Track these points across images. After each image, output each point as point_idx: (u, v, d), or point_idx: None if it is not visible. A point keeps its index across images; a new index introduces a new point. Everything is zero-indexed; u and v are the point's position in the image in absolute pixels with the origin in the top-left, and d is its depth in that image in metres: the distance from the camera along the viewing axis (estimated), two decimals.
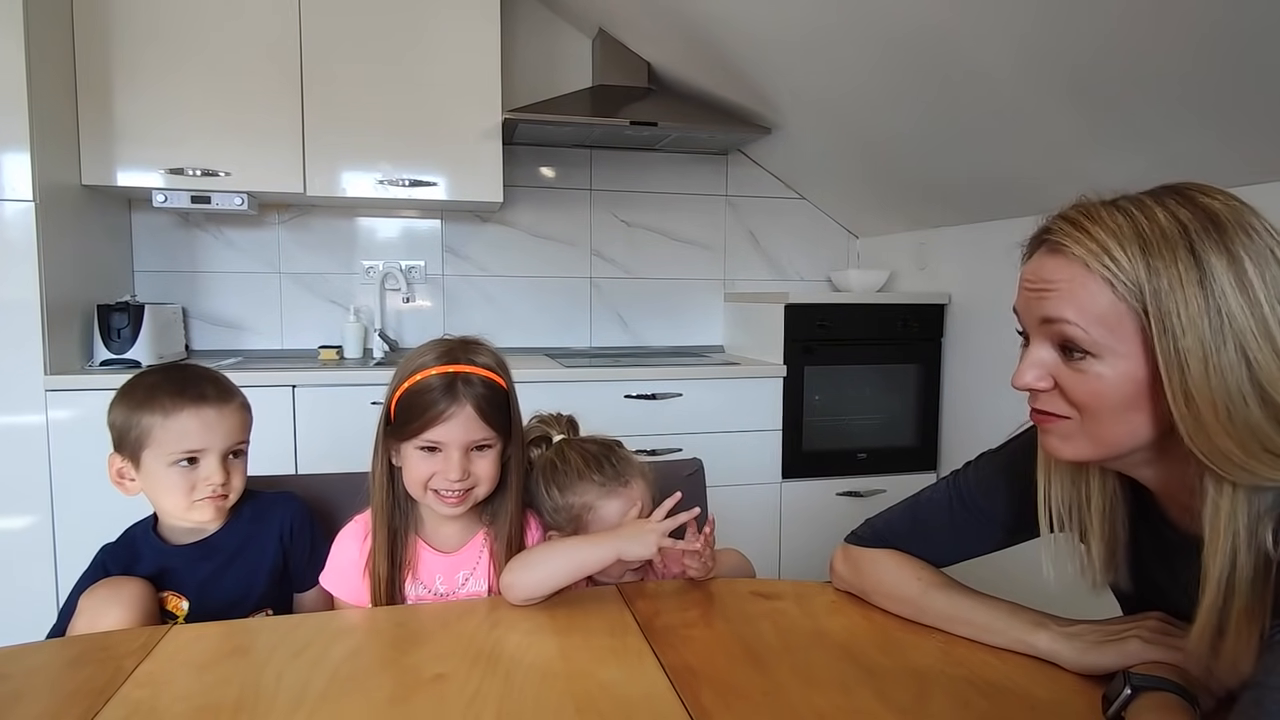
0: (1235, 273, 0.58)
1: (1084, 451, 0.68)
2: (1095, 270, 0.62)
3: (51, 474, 1.93)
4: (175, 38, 2.15)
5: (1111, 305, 0.62)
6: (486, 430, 0.98)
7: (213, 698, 0.72)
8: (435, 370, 0.97)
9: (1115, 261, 0.61)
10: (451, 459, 0.96)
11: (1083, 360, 0.64)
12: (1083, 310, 0.63)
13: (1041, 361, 0.67)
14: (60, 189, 2.02)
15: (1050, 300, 0.65)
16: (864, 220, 2.95)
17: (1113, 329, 0.62)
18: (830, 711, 0.70)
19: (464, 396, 0.96)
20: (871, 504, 2.52)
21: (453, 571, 1.04)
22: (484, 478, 1.00)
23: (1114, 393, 0.63)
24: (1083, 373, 0.64)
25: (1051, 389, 0.67)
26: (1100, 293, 0.62)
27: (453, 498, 0.98)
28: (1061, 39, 1.51)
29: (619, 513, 1.03)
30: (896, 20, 1.73)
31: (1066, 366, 0.65)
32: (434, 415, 0.95)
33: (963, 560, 0.92)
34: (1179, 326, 0.59)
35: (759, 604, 0.94)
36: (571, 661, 0.79)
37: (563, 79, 2.68)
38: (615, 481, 1.05)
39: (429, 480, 0.98)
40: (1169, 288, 0.59)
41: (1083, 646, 0.75)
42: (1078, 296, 0.63)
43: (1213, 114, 1.50)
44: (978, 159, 2.09)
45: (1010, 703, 0.72)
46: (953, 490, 0.91)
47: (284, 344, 2.60)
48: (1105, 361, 0.63)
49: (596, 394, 2.28)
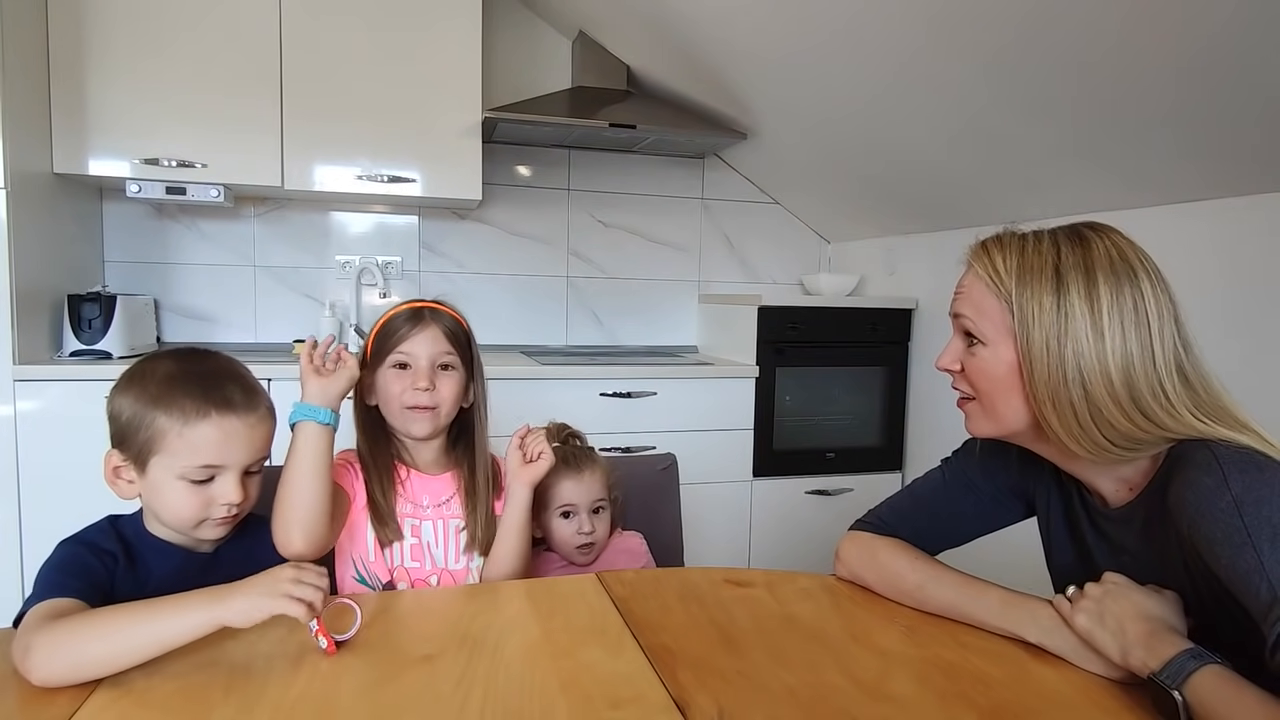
0: (1088, 291, 0.76)
1: (986, 427, 0.86)
2: (983, 279, 0.83)
3: (19, 465, 1.90)
4: (152, 26, 2.13)
5: (992, 305, 0.82)
6: (450, 350, 1.11)
7: (203, 678, 0.74)
8: (405, 306, 1.13)
9: (998, 274, 0.81)
10: (420, 369, 1.09)
11: (976, 347, 0.84)
12: (975, 308, 0.83)
13: (953, 349, 0.87)
14: (31, 177, 1.99)
15: (958, 301, 0.87)
16: (836, 225, 3.02)
17: (993, 323, 0.82)
18: (799, 688, 0.74)
19: (430, 319, 1.11)
20: (839, 503, 2.59)
21: (440, 492, 1.15)
22: (447, 397, 1.10)
23: (994, 372, 0.82)
24: (975, 356, 0.84)
25: (960, 372, 0.87)
26: (985, 296, 0.82)
27: (424, 410, 1.09)
28: (1027, 56, 1.58)
29: (568, 491, 1.22)
30: (870, 34, 1.79)
31: (968, 352, 0.85)
32: (404, 334, 1.10)
33: (970, 540, 1.00)
34: (1031, 324, 0.78)
35: (732, 590, 0.98)
36: (555, 643, 0.82)
37: (542, 79, 2.71)
38: (572, 469, 1.23)
39: (402, 395, 1.08)
40: (1030, 295, 0.78)
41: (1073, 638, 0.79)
42: (972, 298, 0.84)
43: (1172, 131, 1.58)
44: (946, 169, 2.16)
45: (965, 679, 0.77)
46: (948, 473, 1.01)
47: (258, 337, 2.58)
48: (989, 348, 0.82)
49: (572, 391, 2.31)
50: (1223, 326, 1.62)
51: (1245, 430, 0.75)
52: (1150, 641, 0.72)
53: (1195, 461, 0.73)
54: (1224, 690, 0.65)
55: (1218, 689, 0.65)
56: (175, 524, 0.90)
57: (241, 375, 0.94)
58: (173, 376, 0.88)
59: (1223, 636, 0.73)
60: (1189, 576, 0.76)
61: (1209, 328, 1.64)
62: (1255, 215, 1.60)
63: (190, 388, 0.88)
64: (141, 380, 0.88)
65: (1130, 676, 0.74)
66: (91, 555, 0.85)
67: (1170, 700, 0.67)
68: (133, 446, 0.87)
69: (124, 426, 0.88)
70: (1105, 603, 0.77)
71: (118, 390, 0.89)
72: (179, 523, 0.89)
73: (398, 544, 1.10)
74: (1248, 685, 0.64)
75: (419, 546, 1.11)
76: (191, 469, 0.86)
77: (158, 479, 0.87)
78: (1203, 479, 0.71)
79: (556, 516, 1.23)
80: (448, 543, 1.13)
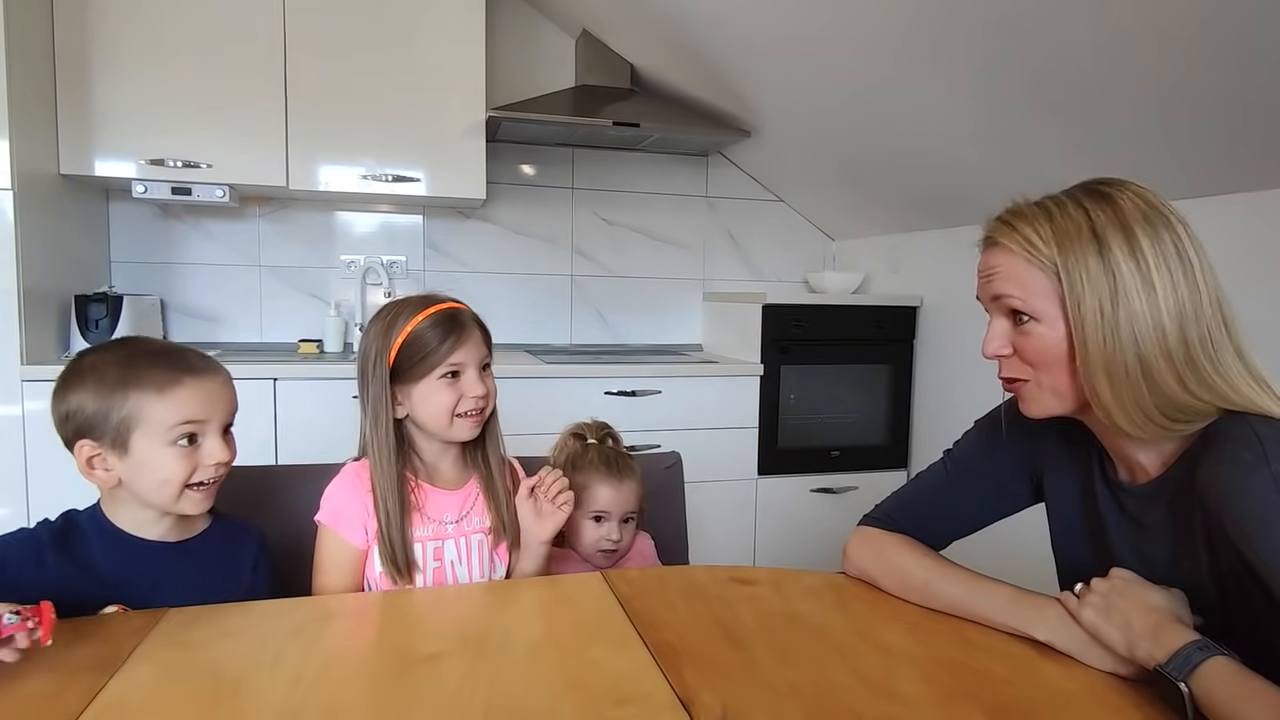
0: (1130, 247, 0.73)
1: (1050, 405, 0.81)
2: (1020, 254, 0.79)
3: (28, 465, 1.91)
4: (157, 27, 2.14)
5: (1037, 278, 0.78)
6: (487, 349, 1.09)
7: (211, 677, 0.74)
8: (430, 311, 1.05)
9: (1034, 246, 0.77)
10: (473, 377, 1.06)
11: (1027, 324, 0.79)
12: (1019, 284, 0.79)
13: (1000, 332, 0.82)
14: (38, 178, 2.00)
15: (995, 281, 0.81)
16: (840, 223, 3.01)
17: (1042, 295, 0.78)
18: (804, 686, 0.74)
19: (469, 323, 1.07)
20: (844, 501, 2.59)
21: (459, 507, 1.11)
22: (493, 393, 1.09)
23: (1053, 348, 0.78)
24: (1028, 334, 0.79)
25: (1011, 355, 0.82)
26: (1027, 270, 0.78)
27: (476, 415, 1.07)
28: (1032, 53, 1.57)
29: (605, 499, 1.22)
30: (873, 32, 1.78)
31: (1017, 332, 0.81)
32: (452, 343, 1.04)
33: (978, 528, 1.00)
34: (1082, 289, 0.75)
35: (736, 589, 0.98)
36: (560, 641, 0.83)
37: (546, 78, 2.71)
38: (613, 476, 1.24)
39: (455, 406, 1.05)
40: (1075, 260, 0.75)
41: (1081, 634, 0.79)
42: (1013, 275, 0.79)
43: (1176, 128, 1.57)
44: (950, 166, 2.15)
45: (972, 677, 0.77)
46: (951, 463, 1.01)
47: (263, 337, 2.59)
48: (1043, 323, 0.78)
49: (576, 390, 2.31)
50: None
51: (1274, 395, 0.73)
52: (1156, 634, 0.71)
53: (1234, 436, 0.71)
54: (1231, 681, 0.64)
55: (1224, 680, 0.65)
56: (162, 495, 0.90)
57: (186, 348, 0.96)
58: (127, 360, 0.89)
59: (1239, 621, 0.72)
60: (1210, 557, 0.75)
61: None
62: (1253, 214, 1.59)
63: (153, 362, 0.90)
64: (94, 373, 0.89)
65: (1139, 673, 0.74)
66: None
67: (1177, 692, 0.67)
68: (106, 432, 0.88)
69: (90, 418, 0.88)
70: (1111, 597, 0.77)
71: (66, 391, 0.89)
72: (168, 492, 0.89)
73: (419, 575, 1.06)
74: (1255, 676, 0.64)
75: (442, 569, 1.08)
76: (179, 430, 0.88)
77: (144, 453, 0.88)
78: (1242, 454, 0.69)
79: (587, 519, 1.23)
80: (471, 559, 1.10)
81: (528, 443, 1.35)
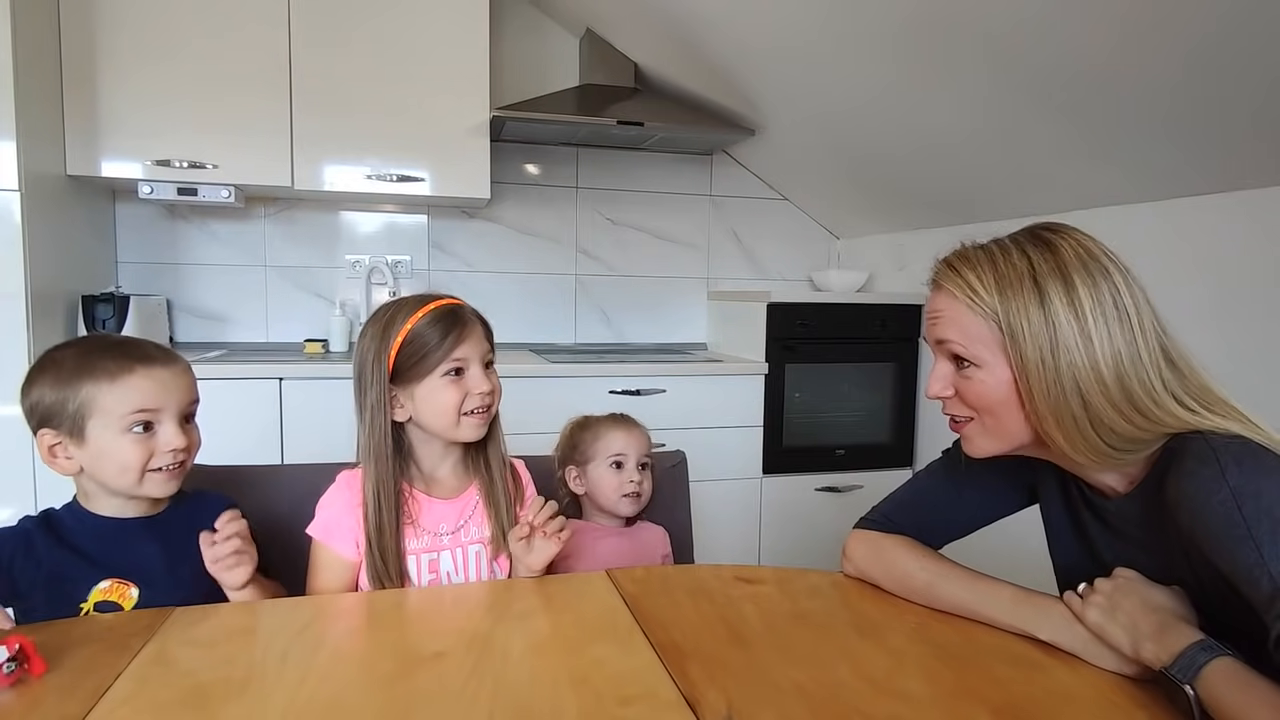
0: (1070, 297, 0.75)
1: (990, 446, 0.84)
2: (963, 300, 0.80)
3: (35, 465, 1.92)
4: (162, 28, 2.14)
5: (979, 326, 0.79)
6: (490, 345, 1.07)
7: (219, 674, 0.74)
8: (429, 307, 1.03)
9: (977, 293, 0.79)
10: (478, 373, 1.04)
11: (968, 369, 0.81)
12: (961, 331, 0.80)
13: (943, 374, 0.84)
14: (45, 179, 2.01)
15: (939, 326, 0.83)
16: (845, 222, 3.00)
17: (984, 343, 0.79)
18: (808, 684, 0.74)
19: (469, 317, 1.05)
20: (849, 499, 2.58)
21: (455, 517, 1.08)
22: (498, 389, 1.07)
23: (994, 394, 0.80)
24: (970, 379, 0.81)
25: (953, 396, 0.84)
26: (969, 317, 0.80)
27: (483, 413, 1.05)
28: (1037, 52, 1.57)
29: (620, 442, 1.26)
30: (878, 29, 1.78)
31: (959, 375, 0.82)
32: (453, 339, 1.02)
33: (975, 529, 1.00)
34: (1024, 340, 0.76)
35: (741, 588, 0.98)
36: (565, 640, 0.83)
37: (550, 78, 2.71)
38: (622, 424, 1.29)
39: (460, 404, 1.02)
40: (1016, 309, 0.77)
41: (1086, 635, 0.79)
42: (956, 321, 0.81)
43: (1179, 127, 1.56)
44: (955, 164, 2.15)
45: (976, 677, 0.76)
46: (949, 465, 1.01)
47: (269, 337, 2.60)
48: (984, 369, 0.80)
49: (581, 389, 2.31)
50: (1227, 320, 1.61)
51: (1229, 412, 0.75)
52: (1161, 634, 0.71)
53: (1191, 452, 0.73)
54: (1235, 682, 0.64)
55: (1229, 681, 0.65)
56: (124, 481, 0.92)
57: (146, 341, 0.97)
58: (85, 352, 0.92)
59: (1225, 626, 0.72)
60: (1190, 566, 0.76)
61: (1213, 321, 1.63)
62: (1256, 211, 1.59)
63: (107, 352, 0.92)
64: (53, 367, 0.91)
65: (1143, 672, 0.74)
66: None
67: (1183, 692, 0.67)
68: (64, 421, 0.90)
69: (49, 409, 0.90)
70: (1116, 597, 0.77)
71: (30, 384, 0.92)
72: (128, 478, 0.91)
73: (411, 588, 1.04)
74: (1258, 677, 0.64)
75: (437, 581, 1.06)
76: (130, 417, 0.90)
77: (100, 441, 0.90)
78: (1200, 470, 0.71)
79: (607, 467, 1.25)
80: (468, 569, 1.08)
81: (531, 442, 1.36)
